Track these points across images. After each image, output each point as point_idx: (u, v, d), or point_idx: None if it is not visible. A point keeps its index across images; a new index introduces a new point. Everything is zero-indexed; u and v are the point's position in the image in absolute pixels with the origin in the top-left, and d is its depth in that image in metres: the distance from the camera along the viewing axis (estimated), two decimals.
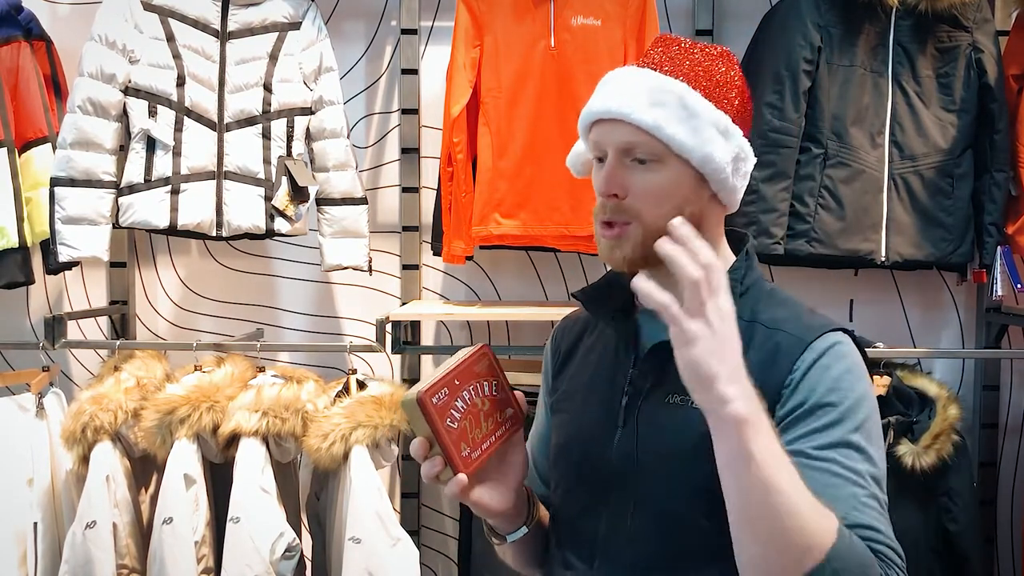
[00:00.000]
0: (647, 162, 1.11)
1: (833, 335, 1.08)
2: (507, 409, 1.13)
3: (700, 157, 1.11)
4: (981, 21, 2.33)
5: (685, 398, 1.08)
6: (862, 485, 1.00)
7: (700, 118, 1.11)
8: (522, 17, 2.33)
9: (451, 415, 1.04)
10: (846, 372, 1.05)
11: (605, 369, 1.20)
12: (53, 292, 2.72)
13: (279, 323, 2.72)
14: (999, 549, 2.60)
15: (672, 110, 1.10)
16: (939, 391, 2.23)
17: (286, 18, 2.38)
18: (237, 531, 2.07)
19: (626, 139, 1.11)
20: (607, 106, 1.12)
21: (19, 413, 2.29)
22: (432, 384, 1.04)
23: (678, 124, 1.10)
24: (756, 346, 1.08)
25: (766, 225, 2.27)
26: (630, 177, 1.11)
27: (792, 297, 1.18)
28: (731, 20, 2.60)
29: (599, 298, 1.24)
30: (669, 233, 0.94)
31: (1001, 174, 2.34)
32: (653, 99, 1.11)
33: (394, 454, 2.26)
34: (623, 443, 1.13)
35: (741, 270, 1.17)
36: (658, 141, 1.10)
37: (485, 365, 1.12)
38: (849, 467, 1.00)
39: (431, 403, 1.03)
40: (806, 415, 1.03)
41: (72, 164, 2.24)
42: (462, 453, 1.04)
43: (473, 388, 1.09)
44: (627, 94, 1.12)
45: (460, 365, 1.08)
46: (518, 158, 2.32)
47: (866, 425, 1.03)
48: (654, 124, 1.09)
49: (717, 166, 1.13)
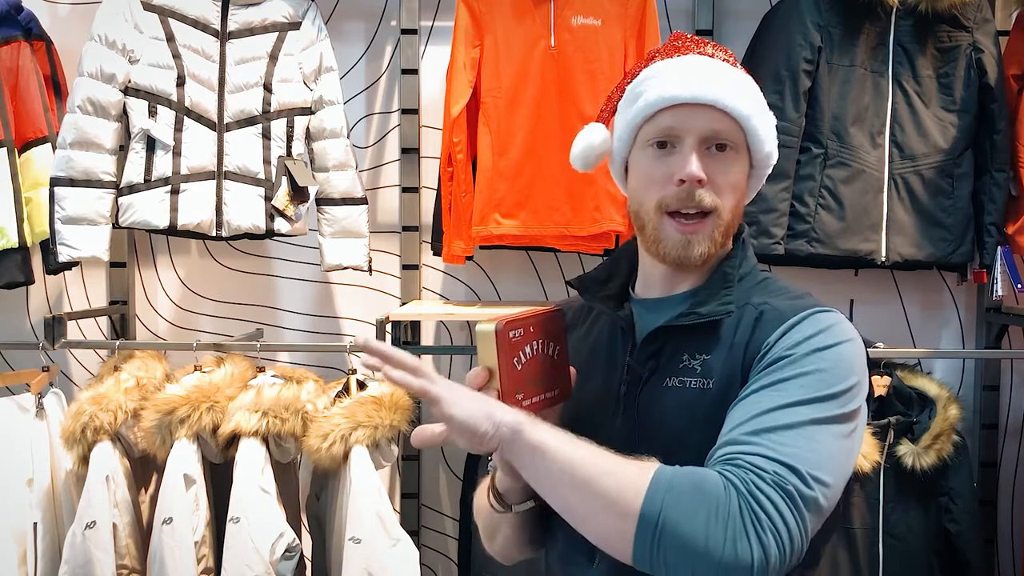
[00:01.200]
0: (726, 151, 1.11)
1: (815, 309, 1.09)
2: (561, 377, 1.12)
3: (767, 152, 1.14)
4: (981, 21, 2.33)
5: (683, 380, 1.09)
6: (759, 413, 0.99)
7: (768, 114, 1.14)
8: (522, 17, 2.33)
9: (519, 356, 1.04)
10: (818, 332, 1.05)
11: (601, 357, 1.20)
12: (53, 292, 2.72)
13: (279, 323, 2.72)
14: (999, 549, 2.60)
15: (753, 101, 1.12)
16: (939, 391, 2.23)
17: (286, 18, 2.38)
18: (237, 531, 2.06)
19: (715, 126, 1.10)
20: (696, 91, 1.10)
21: (19, 413, 2.29)
22: (513, 319, 1.04)
23: (759, 116, 1.12)
24: (744, 325, 1.10)
25: (766, 225, 2.26)
26: (710, 165, 1.10)
27: (787, 285, 1.19)
28: (731, 20, 2.60)
29: (595, 287, 1.25)
30: (365, 351, 1.01)
31: (1001, 174, 2.34)
32: (736, 88, 1.11)
33: (394, 454, 2.25)
34: (622, 430, 1.13)
35: (737, 259, 1.17)
36: (741, 131, 1.11)
37: (558, 327, 1.11)
38: (761, 403, 1.00)
39: (507, 336, 1.03)
40: (762, 368, 1.04)
41: (72, 164, 2.24)
42: (516, 395, 1.04)
43: (542, 342, 1.08)
44: (713, 81, 1.11)
45: (538, 314, 1.08)
46: (518, 158, 2.32)
47: (814, 375, 1.01)
48: (746, 113, 1.10)
49: (772, 163, 1.16)
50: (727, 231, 1.13)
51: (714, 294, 1.12)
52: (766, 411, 0.99)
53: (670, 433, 1.09)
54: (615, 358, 1.18)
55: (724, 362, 1.08)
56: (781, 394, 1.00)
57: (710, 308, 1.11)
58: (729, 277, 1.14)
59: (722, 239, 1.13)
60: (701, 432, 1.05)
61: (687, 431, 1.07)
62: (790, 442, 0.96)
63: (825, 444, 0.98)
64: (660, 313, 1.16)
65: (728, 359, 1.08)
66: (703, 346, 1.10)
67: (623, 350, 1.17)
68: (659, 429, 1.10)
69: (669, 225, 1.11)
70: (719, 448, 0.99)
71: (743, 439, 0.97)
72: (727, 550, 0.90)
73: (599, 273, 1.26)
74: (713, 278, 1.15)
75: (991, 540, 2.56)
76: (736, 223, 1.15)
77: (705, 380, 1.08)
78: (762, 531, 0.91)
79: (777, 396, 1.00)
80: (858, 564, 2.16)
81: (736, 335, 1.09)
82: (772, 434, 0.97)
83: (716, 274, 1.15)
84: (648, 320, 1.17)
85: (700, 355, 1.09)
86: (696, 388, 1.08)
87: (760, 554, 0.91)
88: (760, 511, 0.92)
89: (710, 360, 1.09)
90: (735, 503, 0.92)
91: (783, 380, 1.01)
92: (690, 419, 1.07)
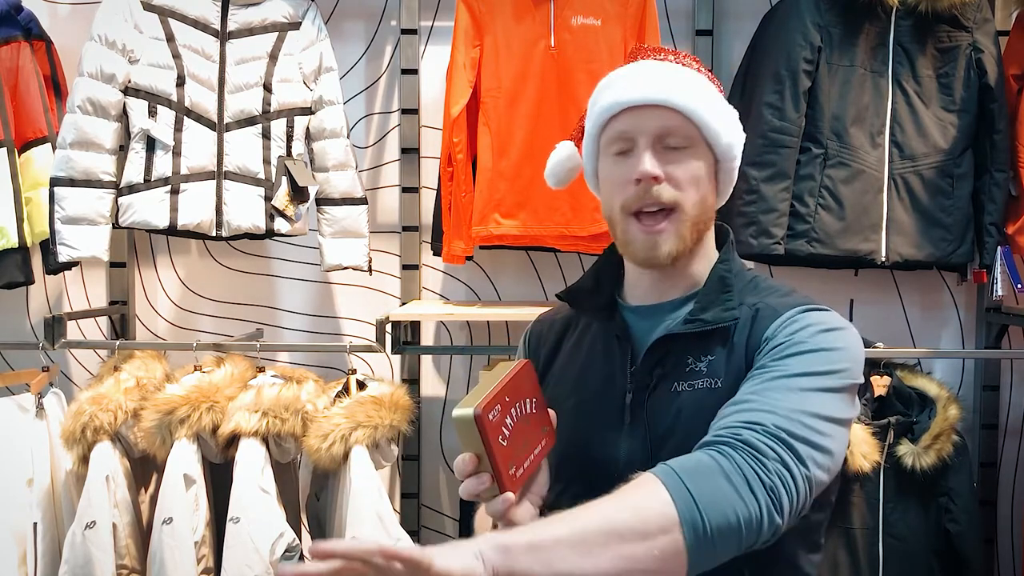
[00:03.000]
0: (680, 148, 1.13)
1: (808, 304, 1.11)
2: (544, 426, 1.11)
3: (726, 144, 1.15)
4: (981, 21, 2.33)
5: (691, 383, 1.10)
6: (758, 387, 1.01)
7: (723, 107, 1.16)
8: (522, 17, 2.33)
9: (503, 432, 1.01)
10: (812, 323, 1.08)
11: (598, 369, 1.20)
12: (53, 292, 2.72)
13: (279, 323, 2.72)
14: (999, 549, 2.60)
15: (703, 97, 1.13)
16: (939, 391, 2.23)
17: (286, 18, 2.38)
18: (237, 531, 2.06)
19: (663, 124, 1.12)
20: (643, 93, 1.13)
21: (19, 413, 2.29)
22: (488, 400, 1.00)
23: (710, 110, 1.13)
24: (742, 324, 1.11)
25: (766, 225, 2.26)
26: (666, 161, 1.12)
27: (776, 283, 1.20)
28: (731, 20, 2.60)
29: (584, 297, 1.25)
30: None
31: (1001, 174, 2.34)
32: (685, 86, 1.13)
33: (394, 454, 2.25)
34: (632, 440, 1.13)
35: (729, 261, 1.19)
36: (693, 126, 1.12)
37: (530, 382, 1.11)
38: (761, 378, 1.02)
39: (488, 420, 0.99)
40: (761, 356, 1.06)
41: (72, 164, 2.24)
42: (510, 471, 1.01)
43: (520, 405, 1.06)
44: (659, 81, 1.13)
45: (510, 380, 1.06)
46: (518, 158, 2.31)
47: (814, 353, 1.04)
48: (693, 107, 1.12)
49: (735, 154, 1.17)
50: (695, 226, 1.14)
51: (715, 300, 1.13)
52: (763, 381, 1.02)
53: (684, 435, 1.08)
54: (613, 367, 1.18)
55: (728, 361, 1.10)
56: (777, 370, 1.03)
57: (715, 314, 1.12)
58: (728, 281, 1.15)
59: (692, 235, 1.14)
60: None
61: (701, 429, 1.06)
62: (783, 400, 0.98)
63: (822, 403, 1.00)
64: (655, 320, 1.17)
65: (732, 358, 1.10)
66: (706, 348, 1.11)
67: (621, 359, 1.17)
68: (673, 433, 1.10)
69: (634, 227, 1.14)
70: (719, 419, 1.01)
71: (732, 407, 1.00)
72: (760, 500, 0.91)
73: (585, 283, 1.26)
74: (711, 283, 1.16)
75: (991, 540, 2.56)
76: (705, 219, 1.17)
77: (713, 380, 1.09)
78: (768, 474, 0.93)
79: (774, 372, 1.03)
80: (858, 564, 2.16)
81: (735, 335, 1.11)
82: (764, 395, 0.99)
83: (714, 278, 1.16)
84: (643, 327, 1.17)
85: (705, 357, 1.11)
86: (705, 388, 1.09)
87: (772, 496, 0.92)
88: (761, 457, 0.93)
89: (715, 360, 1.10)
90: (737, 458, 0.93)
91: (781, 357, 1.04)
92: (703, 419, 1.07)
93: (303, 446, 2.14)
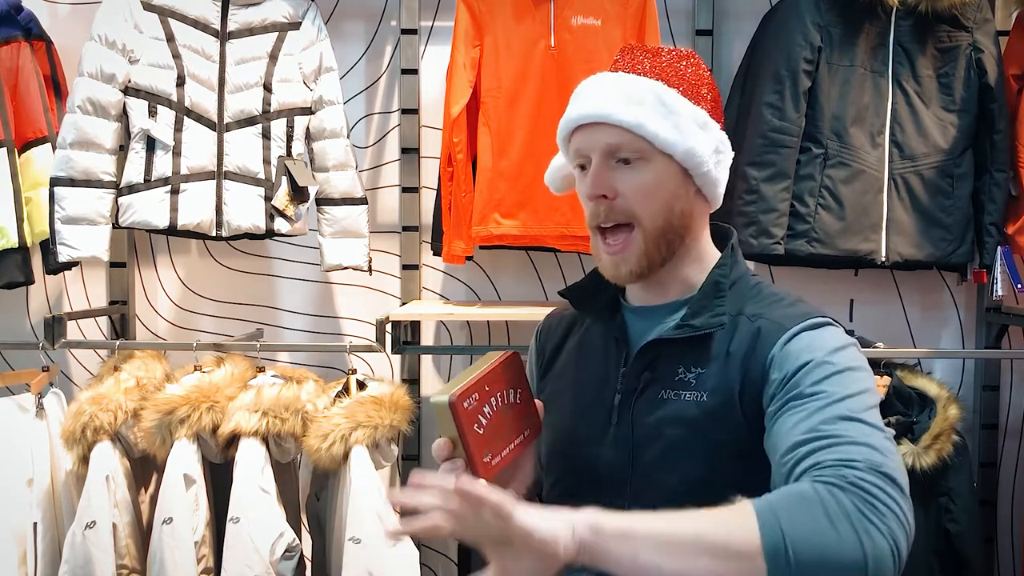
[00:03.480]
0: (632, 161, 1.12)
1: (812, 320, 1.09)
2: (528, 417, 1.12)
3: (684, 151, 1.13)
4: (981, 21, 2.33)
5: (678, 392, 1.10)
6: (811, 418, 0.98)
7: (679, 114, 1.13)
8: (522, 17, 2.33)
9: (479, 420, 1.04)
10: (821, 341, 1.06)
11: (594, 368, 1.21)
12: (53, 292, 2.72)
13: (279, 323, 2.72)
14: (999, 549, 2.60)
15: (652, 108, 1.12)
16: (939, 391, 2.23)
17: (286, 18, 2.38)
18: (237, 531, 2.06)
19: (610, 140, 1.12)
20: (586, 111, 1.13)
21: (19, 413, 2.29)
22: (464, 388, 1.03)
23: (660, 120, 1.11)
24: (739, 337, 1.10)
25: (766, 225, 2.26)
26: (618, 178, 1.12)
27: (779, 291, 1.19)
28: (731, 20, 2.60)
29: (586, 296, 1.25)
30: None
31: (1001, 174, 2.34)
32: (632, 99, 1.12)
33: (394, 454, 2.25)
34: (617, 441, 1.13)
35: (727, 266, 1.18)
36: (641, 139, 1.11)
37: (514, 371, 1.11)
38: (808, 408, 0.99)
39: (462, 407, 1.02)
40: (784, 382, 1.04)
41: (72, 164, 2.24)
42: (484, 459, 1.03)
43: (501, 394, 1.08)
44: (604, 97, 1.13)
45: (491, 370, 1.08)
46: (518, 158, 2.32)
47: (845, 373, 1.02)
48: (636, 122, 1.11)
49: (700, 159, 1.14)
50: (661, 238, 1.13)
51: (707, 305, 1.13)
52: (817, 411, 0.98)
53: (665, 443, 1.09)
54: (608, 368, 1.19)
55: (719, 374, 1.09)
56: (822, 397, 0.99)
57: (703, 320, 1.11)
58: (721, 287, 1.15)
59: (659, 248, 1.13)
60: (696, 444, 1.07)
61: (682, 442, 1.08)
62: (855, 431, 0.95)
63: (878, 425, 0.98)
64: (652, 321, 1.17)
65: (724, 371, 1.08)
66: (698, 359, 1.11)
67: (616, 360, 1.18)
68: (654, 439, 1.11)
69: (599, 244, 1.15)
70: (786, 465, 0.95)
71: (809, 446, 0.95)
72: (865, 546, 0.86)
73: (588, 283, 1.26)
74: (705, 288, 1.15)
75: (991, 540, 2.56)
76: (676, 228, 1.14)
77: (699, 393, 1.09)
78: (883, 517, 0.88)
79: (820, 399, 0.99)
80: None
81: (731, 346, 1.10)
82: (834, 426, 0.95)
83: (708, 283, 1.16)
84: (640, 328, 1.18)
85: (696, 368, 1.10)
86: (690, 401, 1.09)
87: (891, 539, 0.87)
88: (872, 498, 0.88)
89: (705, 373, 1.10)
90: (845, 500, 0.88)
91: (815, 383, 1.01)
92: (685, 431, 1.07)
93: (303, 446, 2.14)
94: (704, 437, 1.06)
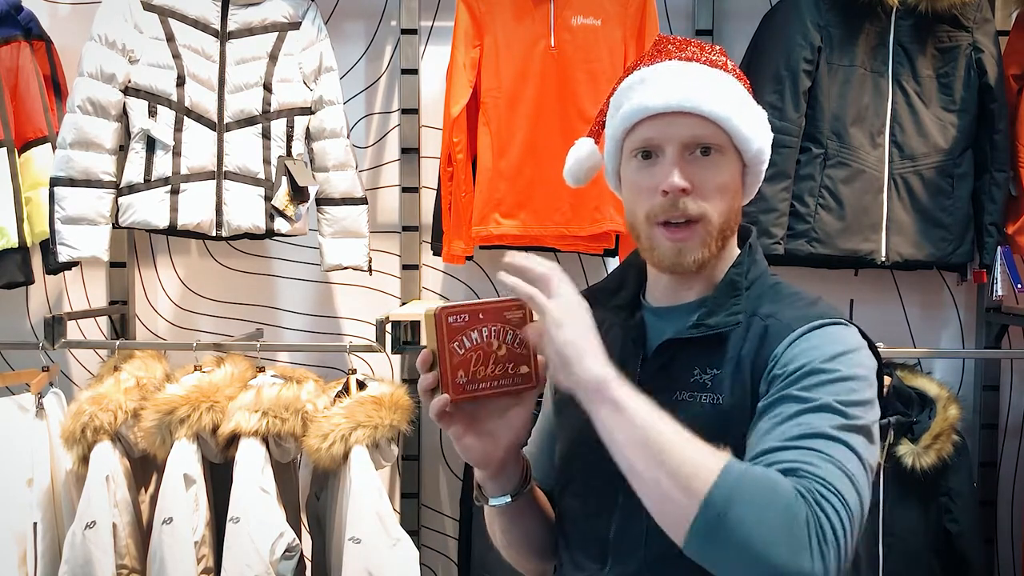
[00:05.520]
0: (711, 154, 1.10)
1: (823, 321, 1.07)
2: (523, 366, 1.10)
3: (756, 149, 1.12)
4: (981, 21, 2.33)
5: (694, 394, 1.09)
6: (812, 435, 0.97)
7: (753, 110, 1.12)
8: (522, 17, 2.33)
9: (460, 340, 1.04)
10: (828, 343, 1.04)
11: None
12: (53, 292, 2.72)
13: (279, 323, 2.72)
14: (999, 549, 2.60)
15: (734, 102, 1.10)
16: (939, 391, 2.23)
17: (286, 18, 2.38)
18: (237, 531, 2.07)
19: (693, 132, 1.09)
20: (671, 99, 1.09)
21: (19, 413, 2.29)
22: (456, 306, 1.05)
23: (741, 116, 1.10)
24: (751, 337, 1.08)
25: (766, 225, 2.26)
26: (695, 171, 1.09)
27: (799, 290, 1.17)
28: (731, 20, 2.60)
29: (606, 297, 1.23)
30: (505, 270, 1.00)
31: (1001, 174, 2.34)
32: (715, 91, 1.10)
33: (394, 454, 2.25)
34: None
35: (744, 265, 1.16)
36: (724, 133, 1.10)
37: (518, 316, 1.09)
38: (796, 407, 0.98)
39: (446, 321, 1.03)
40: (781, 379, 1.03)
41: (72, 164, 2.24)
42: (456, 379, 1.04)
43: (495, 329, 1.07)
44: (688, 86, 1.10)
45: (492, 303, 1.08)
46: (518, 158, 2.32)
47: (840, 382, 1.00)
48: (725, 115, 1.09)
49: (764, 158, 1.14)
50: (720, 234, 1.12)
51: (723, 304, 1.11)
52: (801, 414, 0.97)
53: None
54: (626, 368, 1.16)
55: (733, 376, 1.07)
56: (812, 400, 0.98)
57: (719, 319, 1.10)
58: (738, 285, 1.13)
59: (717, 243, 1.12)
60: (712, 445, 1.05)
61: None
62: (837, 453, 0.94)
63: (860, 452, 0.97)
64: (670, 322, 1.15)
65: (737, 373, 1.07)
66: (714, 360, 1.09)
67: (634, 360, 1.16)
68: None
69: (660, 234, 1.11)
70: (764, 454, 0.96)
71: (790, 445, 0.95)
72: (788, 559, 0.87)
73: (609, 283, 1.25)
74: (722, 287, 1.13)
75: (991, 540, 2.56)
76: (732, 225, 1.14)
77: (715, 395, 1.07)
78: (825, 545, 0.88)
79: (809, 402, 0.98)
80: (858, 564, 2.16)
81: (743, 348, 1.08)
82: (818, 441, 0.95)
83: (725, 282, 1.14)
84: (659, 329, 1.16)
85: (711, 369, 1.08)
86: (707, 403, 1.07)
87: (821, 567, 0.88)
88: (827, 524, 0.89)
89: (720, 375, 1.08)
90: (803, 513, 0.88)
91: (809, 388, 1.00)
92: (701, 433, 1.04)
93: (303, 446, 2.14)
94: (720, 440, 1.02)
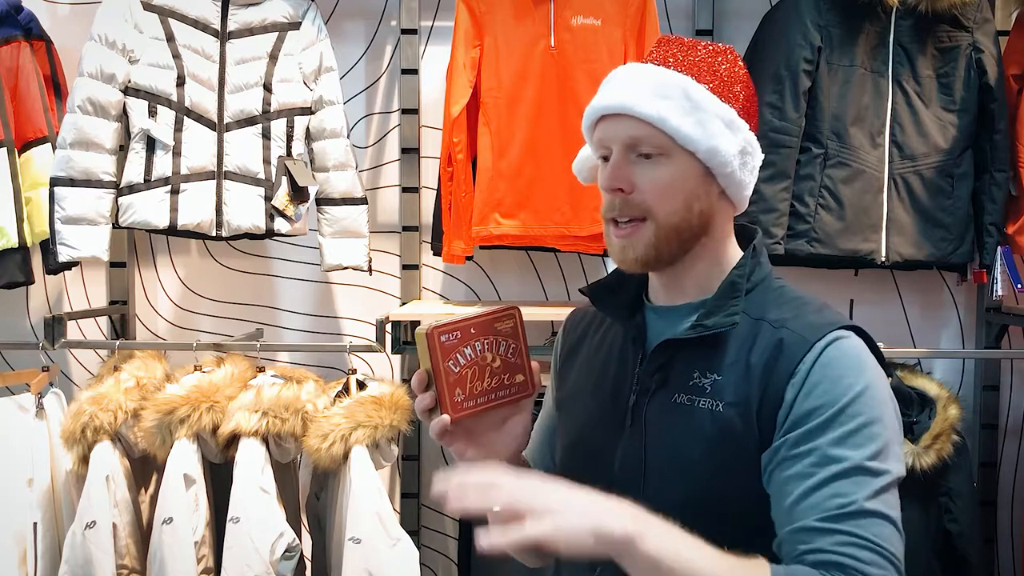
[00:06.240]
0: (653, 156, 1.10)
1: (835, 333, 1.06)
2: (518, 375, 1.11)
3: (706, 149, 1.10)
4: (981, 21, 2.33)
5: (692, 398, 1.08)
6: (849, 514, 0.97)
7: (705, 111, 1.10)
8: (522, 17, 2.33)
9: (455, 358, 1.05)
10: (845, 371, 1.03)
11: (612, 368, 1.19)
12: (53, 292, 2.72)
13: (279, 323, 2.72)
14: (999, 549, 2.60)
15: (677, 103, 1.09)
16: (939, 391, 2.23)
17: (286, 18, 2.38)
18: (237, 531, 2.07)
19: (631, 133, 1.10)
20: (611, 101, 1.11)
21: (19, 413, 2.29)
22: (447, 323, 1.05)
23: (683, 116, 1.09)
24: (760, 345, 1.07)
25: (766, 225, 2.26)
26: (636, 172, 1.10)
27: (803, 294, 1.16)
28: (731, 20, 2.60)
29: (607, 294, 1.23)
30: None
31: (1001, 174, 2.34)
32: (657, 92, 1.10)
33: (394, 454, 2.25)
34: (629, 443, 1.12)
35: (747, 267, 1.15)
36: (663, 134, 1.09)
37: (509, 326, 1.11)
38: (820, 474, 0.98)
39: (438, 340, 1.04)
40: (798, 421, 1.02)
41: (72, 164, 2.24)
42: (454, 397, 1.05)
43: (488, 342, 1.08)
44: (631, 89, 1.11)
45: (483, 316, 1.09)
46: (518, 158, 2.32)
47: (863, 430, 1.01)
48: (659, 116, 1.08)
49: (723, 159, 1.11)
50: (677, 235, 1.11)
51: (722, 305, 1.11)
52: (834, 480, 0.98)
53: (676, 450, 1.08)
54: (625, 368, 1.17)
55: (738, 383, 1.06)
56: (842, 460, 0.98)
57: (716, 320, 1.09)
58: (737, 287, 1.12)
59: (670, 243, 1.11)
60: (709, 453, 1.04)
61: (693, 450, 1.06)
62: (875, 531, 0.95)
63: (892, 517, 0.98)
64: (670, 321, 1.15)
65: (744, 381, 1.06)
66: (714, 363, 1.08)
67: (633, 360, 1.16)
68: (665, 445, 1.09)
69: (610, 231, 1.13)
70: (804, 535, 0.97)
71: (829, 528, 0.95)
72: None
73: (610, 280, 1.25)
74: (722, 288, 1.13)
75: (991, 540, 2.56)
76: (694, 224, 1.12)
77: (715, 402, 1.06)
78: None
79: (839, 462, 0.98)
80: None
81: (752, 355, 1.07)
82: (856, 522, 0.95)
83: (725, 284, 1.13)
84: (658, 328, 1.16)
85: (711, 374, 1.08)
86: (705, 409, 1.07)
87: None
88: None
89: (721, 380, 1.07)
90: None
91: (839, 440, 0.99)
92: (697, 440, 1.05)
93: (303, 446, 2.14)
94: (718, 448, 1.04)
